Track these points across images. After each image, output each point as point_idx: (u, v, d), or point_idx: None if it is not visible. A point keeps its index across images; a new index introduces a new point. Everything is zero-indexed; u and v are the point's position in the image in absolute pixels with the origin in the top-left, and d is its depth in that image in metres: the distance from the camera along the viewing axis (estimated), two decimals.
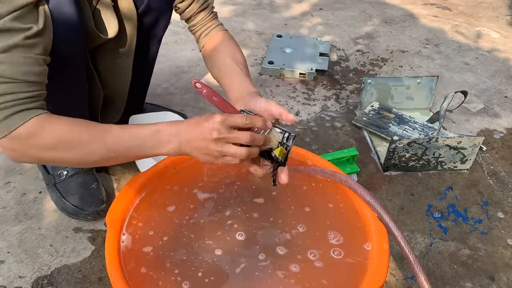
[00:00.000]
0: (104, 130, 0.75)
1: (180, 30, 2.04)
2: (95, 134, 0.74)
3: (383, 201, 1.20)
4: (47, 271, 0.97)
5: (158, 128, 0.75)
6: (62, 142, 0.73)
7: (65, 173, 1.12)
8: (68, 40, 0.86)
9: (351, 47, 2.02)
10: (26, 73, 0.72)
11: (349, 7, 2.44)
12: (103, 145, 0.74)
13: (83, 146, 0.74)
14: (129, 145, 0.75)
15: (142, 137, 0.75)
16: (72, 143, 0.73)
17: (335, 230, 0.83)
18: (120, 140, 0.75)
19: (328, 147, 1.38)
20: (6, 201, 1.13)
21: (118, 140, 0.75)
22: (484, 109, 1.62)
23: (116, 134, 0.75)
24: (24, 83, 0.71)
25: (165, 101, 1.55)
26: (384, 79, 1.53)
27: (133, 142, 0.75)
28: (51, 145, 0.73)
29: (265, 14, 2.30)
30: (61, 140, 0.73)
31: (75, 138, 0.73)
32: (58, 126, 0.73)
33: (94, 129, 0.75)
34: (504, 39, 2.16)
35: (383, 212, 0.80)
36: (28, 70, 0.72)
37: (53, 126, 0.73)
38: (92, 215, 1.07)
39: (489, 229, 1.14)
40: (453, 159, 1.28)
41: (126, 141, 0.75)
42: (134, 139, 0.75)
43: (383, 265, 0.75)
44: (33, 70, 0.73)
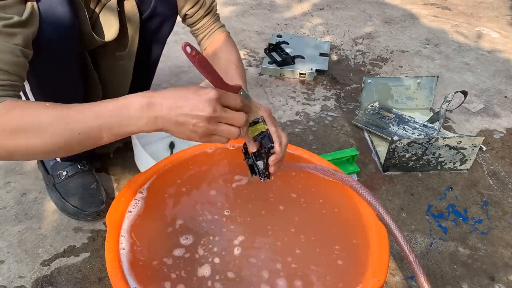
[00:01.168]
0: (67, 109, 0.66)
1: (180, 30, 2.04)
2: (56, 114, 0.66)
3: (383, 201, 1.20)
4: (47, 271, 0.97)
5: (125, 102, 0.65)
6: (23, 125, 0.65)
7: (64, 174, 1.12)
8: (60, 40, 0.86)
9: (351, 47, 2.02)
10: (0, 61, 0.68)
11: (349, 7, 2.44)
12: (65, 125, 0.65)
13: (43, 128, 0.65)
14: (94, 125, 0.65)
15: (106, 114, 0.65)
16: (33, 127, 0.65)
17: (335, 230, 0.83)
18: (83, 119, 0.65)
19: (328, 147, 1.38)
20: (6, 201, 1.13)
21: (79, 120, 0.65)
22: (484, 109, 1.62)
23: (78, 113, 0.66)
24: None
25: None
26: (384, 79, 1.53)
27: (96, 121, 0.65)
28: (13, 130, 0.65)
29: (265, 14, 2.30)
30: (22, 123, 0.65)
31: (35, 120, 0.65)
32: (21, 109, 0.66)
33: (55, 109, 0.66)
34: (504, 39, 2.16)
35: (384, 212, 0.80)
36: (3, 57, 0.69)
37: (17, 109, 0.66)
38: (92, 215, 1.07)
39: (489, 229, 1.14)
40: (453, 159, 1.28)
41: (89, 119, 0.65)
42: (97, 117, 0.65)
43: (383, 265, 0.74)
44: (8, 58, 0.70)
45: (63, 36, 0.86)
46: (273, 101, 1.61)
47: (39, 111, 0.66)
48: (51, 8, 0.82)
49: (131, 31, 1.05)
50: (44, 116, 0.66)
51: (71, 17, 0.86)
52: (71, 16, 0.86)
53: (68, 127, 0.65)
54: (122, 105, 0.65)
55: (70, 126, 0.65)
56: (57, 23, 0.83)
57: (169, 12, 1.10)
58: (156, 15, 1.08)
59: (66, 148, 0.68)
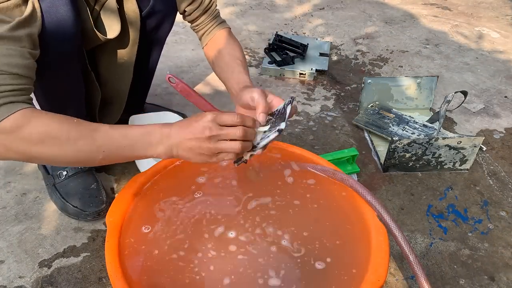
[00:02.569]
0: (94, 128, 0.73)
1: (180, 30, 2.04)
2: (84, 131, 0.72)
3: (383, 201, 1.20)
4: (47, 271, 0.97)
5: (149, 130, 0.74)
6: (50, 136, 0.70)
7: (64, 174, 1.12)
8: (63, 38, 0.86)
9: (351, 47, 2.02)
10: (11, 65, 0.70)
11: (349, 7, 2.44)
12: (92, 143, 0.72)
13: (71, 142, 0.71)
14: (119, 145, 0.73)
15: (132, 137, 0.74)
16: (60, 139, 0.71)
17: (334, 230, 0.83)
18: (110, 139, 0.73)
19: (328, 147, 1.38)
20: (6, 201, 1.13)
21: (107, 139, 0.73)
22: (484, 109, 1.62)
23: (105, 133, 0.73)
24: (8, 75, 0.70)
25: (165, 101, 1.55)
26: (384, 79, 1.53)
27: (123, 142, 0.73)
28: (38, 139, 0.70)
29: (265, 14, 2.30)
30: (49, 134, 0.70)
31: (63, 133, 0.71)
32: (46, 120, 0.71)
33: (83, 126, 0.73)
34: (504, 39, 2.16)
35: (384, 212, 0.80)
36: (12, 62, 0.70)
37: (41, 120, 0.70)
38: (92, 215, 1.07)
39: (489, 229, 1.14)
40: (453, 159, 1.28)
41: (116, 140, 0.73)
42: (124, 139, 0.73)
43: (383, 265, 0.74)
44: (18, 62, 0.71)
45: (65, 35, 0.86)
46: None
47: (68, 125, 0.71)
48: (53, 7, 0.82)
49: (132, 28, 1.05)
50: (73, 130, 0.71)
51: (74, 16, 0.86)
52: (74, 14, 0.86)
53: (95, 144, 0.72)
54: (146, 132, 0.74)
55: (98, 143, 0.72)
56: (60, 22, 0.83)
57: (169, 9, 1.10)
58: (156, 12, 1.09)
59: (85, 161, 0.74)
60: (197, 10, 1.08)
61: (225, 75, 1.02)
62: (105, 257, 0.74)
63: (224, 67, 1.03)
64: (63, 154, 0.72)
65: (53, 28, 0.83)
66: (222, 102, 1.57)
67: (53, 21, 0.82)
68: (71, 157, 0.73)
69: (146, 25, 1.09)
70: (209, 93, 1.63)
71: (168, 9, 1.10)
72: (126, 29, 1.04)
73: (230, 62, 1.01)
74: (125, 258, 0.75)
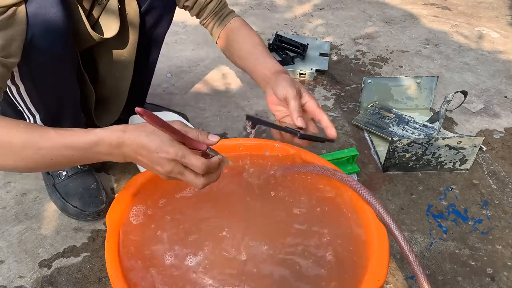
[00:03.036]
0: (41, 135, 0.69)
1: (180, 30, 2.04)
2: (29, 139, 0.69)
3: (383, 201, 1.20)
4: (47, 271, 0.97)
5: (98, 140, 0.69)
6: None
7: (64, 174, 1.12)
8: (53, 40, 0.85)
9: (351, 47, 2.02)
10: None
11: (349, 7, 2.44)
12: (37, 151, 0.68)
13: (15, 151, 0.68)
14: (66, 154, 0.69)
15: (78, 147, 0.69)
16: (4, 148, 0.68)
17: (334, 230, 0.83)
18: (55, 147, 0.69)
19: (328, 147, 1.38)
20: (6, 201, 1.13)
21: (52, 146, 0.69)
22: (484, 109, 1.62)
23: (51, 142, 0.69)
24: None
25: (165, 101, 1.55)
26: (384, 79, 1.53)
27: (69, 151, 0.69)
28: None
29: (265, 14, 2.30)
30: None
31: (6, 142, 0.68)
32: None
33: (30, 134, 0.69)
34: (504, 39, 2.16)
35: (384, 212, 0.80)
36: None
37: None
38: (92, 215, 1.07)
39: (489, 229, 1.14)
40: (453, 159, 1.28)
41: (61, 149, 0.69)
42: (70, 150, 0.69)
43: (383, 265, 0.74)
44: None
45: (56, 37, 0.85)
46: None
47: (11, 133, 0.68)
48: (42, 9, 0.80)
49: (132, 27, 1.05)
50: (16, 138, 0.68)
51: (64, 17, 0.85)
52: (63, 16, 0.85)
53: (40, 153, 0.69)
54: (94, 143, 0.69)
55: (42, 152, 0.69)
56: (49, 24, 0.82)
57: (167, 5, 1.09)
58: (154, 9, 1.08)
59: (38, 169, 0.73)
60: (197, 4, 1.06)
61: (249, 64, 0.97)
62: (105, 257, 0.74)
63: (246, 55, 0.98)
64: (10, 163, 0.70)
65: (42, 30, 0.81)
66: (222, 102, 1.57)
67: (42, 23, 0.81)
68: (18, 166, 0.70)
69: (145, 22, 1.09)
70: (209, 93, 1.63)
71: (167, 5, 1.09)
72: (126, 28, 1.04)
73: (252, 50, 0.97)
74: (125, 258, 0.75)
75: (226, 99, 1.58)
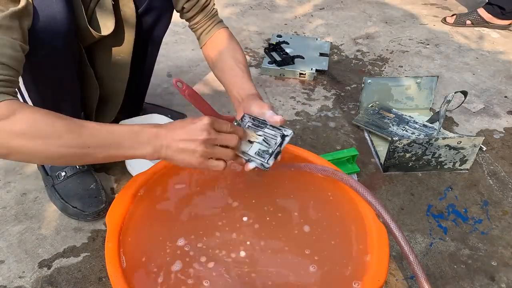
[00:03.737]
0: (80, 124, 0.70)
1: (180, 30, 2.04)
2: (70, 125, 0.69)
3: (383, 201, 1.20)
4: (47, 271, 0.97)
5: (137, 129, 0.73)
6: (35, 128, 0.67)
7: (63, 174, 1.12)
8: (55, 34, 0.85)
9: (351, 47, 2.02)
10: (0, 55, 0.68)
11: (349, 7, 2.44)
12: (78, 138, 0.69)
13: (56, 135, 0.68)
14: (105, 142, 0.71)
15: (119, 135, 0.72)
16: (45, 131, 0.68)
17: (334, 229, 0.83)
18: (96, 136, 0.70)
19: (328, 147, 1.38)
20: (6, 201, 1.13)
21: (93, 135, 0.70)
22: (484, 109, 1.62)
23: (92, 129, 0.71)
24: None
25: (165, 101, 1.55)
26: (384, 79, 1.53)
27: (109, 139, 0.71)
28: (21, 131, 0.66)
29: (265, 14, 2.30)
30: (34, 126, 0.67)
31: (49, 126, 0.68)
32: (32, 113, 0.68)
33: (70, 121, 0.70)
34: (504, 39, 2.16)
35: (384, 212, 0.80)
36: (3, 52, 0.69)
37: (26, 111, 0.67)
38: (92, 215, 1.07)
39: (489, 229, 1.13)
40: (453, 159, 1.28)
41: (102, 137, 0.71)
42: (110, 136, 0.71)
43: (383, 265, 0.74)
44: (8, 53, 0.70)
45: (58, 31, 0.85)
46: (273, 101, 1.61)
47: (53, 118, 0.69)
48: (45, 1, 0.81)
49: (128, 26, 1.05)
50: (59, 124, 0.69)
51: (67, 12, 0.85)
52: (67, 10, 0.85)
53: (81, 139, 0.69)
54: (135, 131, 0.73)
55: (84, 139, 0.70)
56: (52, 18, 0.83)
57: (165, 6, 1.10)
58: (153, 9, 1.08)
59: (67, 158, 0.71)
60: (195, 7, 1.07)
61: (228, 79, 1.01)
62: (105, 257, 0.74)
63: (226, 70, 1.02)
64: (45, 149, 0.68)
65: (45, 23, 0.82)
66: (222, 102, 1.57)
67: (45, 16, 0.81)
68: (53, 152, 0.69)
69: (143, 23, 1.09)
70: (208, 93, 1.63)
71: (165, 6, 1.10)
72: (122, 27, 1.04)
73: (233, 66, 1.00)
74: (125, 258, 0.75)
75: (226, 99, 1.58)
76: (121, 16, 1.03)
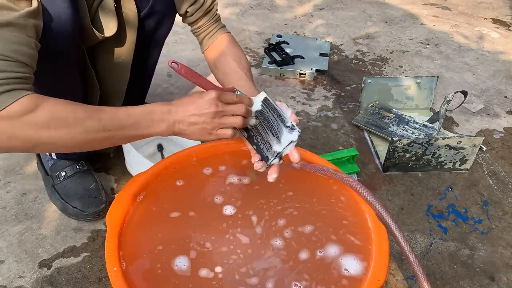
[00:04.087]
0: (98, 109, 0.75)
1: (180, 30, 2.04)
2: (90, 111, 0.73)
3: (383, 201, 1.20)
4: (47, 271, 0.97)
5: (150, 108, 0.78)
6: (58, 118, 0.71)
7: (63, 174, 1.12)
8: (60, 34, 0.85)
9: (351, 47, 2.02)
10: (18, 52, 0.70)
11: (349, 7, 2.44)
12: (98, 122, 0.73)
13: (79, 122, 0.72)
14: (124, 124, 0.75)
15: (135, 116, 0.76)
16: (67, 120, 0.71)
17: (334, 230, 0.83)
18: (115, 118, 0.75)
19: (328, 147, 1.38)
20: (6, 201, 1.13)
21: (112, 118, 0.74)
22: (484, 109, 1.62)
23: (110, 113, 0.75)
24: (15, 62, 0.69)
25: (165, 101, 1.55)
26: (384, 79, 1.53)
27: (127, 121, 0.75)
28: (46, 122, 0.70)
29: (265, 14, 2.30)
30: (57, 116, 0.71)
31: (70, 114, 0.72)
32: (53, 104, 0.71)
33: (88, 107, 0.74)
34: (504, 39, 2.16)
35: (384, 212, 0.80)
36: (20, 49, 0.70)
37: (48, 103, 0.71)
38: (92, 215, 1.07)
39: (489, 229, 1.14)
40: (453, 159, 1.28)
41: (120, 119, 0.75)
42: (127, 118, 0.75)
43: (383, 265, 0.75)
44: (24, 50, 0.71)
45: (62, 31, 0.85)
46: None
47: (74, 107, 0.73)
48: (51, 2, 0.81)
49: (130, 28, 1.05)
50: (79, 111, 0.72)
51: (72, 12, 0.86)
52: (72, 11, 0.86)
53: (101, 123, 0.73)
54: (149, 111, 0.77)
55: (104, 123, 0.73)
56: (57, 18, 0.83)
57: (168, 10, 1.10)
58: (155, 13, 1.08)
59: (91, 143, 0.75)
60: (199, 11, 1.07)
61: (231, 82, 1.00)
62: (105, 257, 0.74)
63: (230, 73, 1.02)
64: (71, 137, 0.72)
65: (50, 23, 0.82)
66: None
67: (51, 17, 0.82)
68: (78, 139, 0.73)
69: (145, 26, 1.09)
70: None
71: (168, 10, 1.10)
72: (124, 28, 1.04)
73: (237, 70, 1.01)
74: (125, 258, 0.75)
75: None
76: (123, 18, 1.03)
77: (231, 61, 1.04)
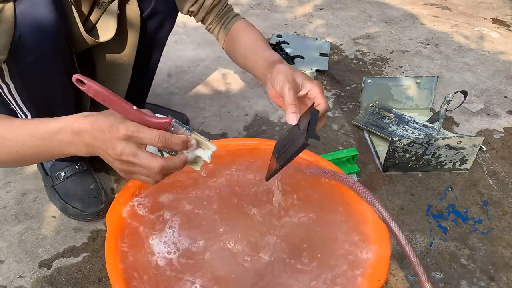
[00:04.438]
0: (6, 125, 0.66)
1: (180, 30, 2.04)
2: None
3: (383, 201, 1.19)
4: (47, 271, 0.97)
5: (60, 126, 0.63)
6: None
7: (63, 175, 1.12)
8: (43, 40, 0.84)
9: (351, 47, 2.02)
10: None
11: (349, 7, 2.44)
12: (2, 142, 0.66)
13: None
14: (30, 145, 0.65)
15: (42, 136, 0.64)
16: None
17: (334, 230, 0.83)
18: (19, 138, 0.65)
19: (328, 147, 1.38)
20: (6, 201, 1.13)
21: (16, 137, 0.65)
22: (484, 109, 1.62)
23: (15, 131, 0.65)
24: None
25: (165, 101, 1.55)
26: (384, 79, 1.53)
27: (33, 142, 0.64)
28: None
29: (265, 14, 2.30)
30: None
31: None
32: None
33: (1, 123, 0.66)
34: (504, 39, 2.16)
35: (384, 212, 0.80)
36: None
37: None
38: (92, 216, 1.07)
39: (489, 229, 1.14)
40: (453, 159, 1.28)
41: (24, 139, 0.64)
42: (31, 138, 0.64)
43: (383, 265, 0.74)
44: None
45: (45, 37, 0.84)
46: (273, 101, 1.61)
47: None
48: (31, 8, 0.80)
49: (132, 30, 1.04)
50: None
51: (55, 18, 0.84)
52: (54, 16, 0.84)
53: (4, 144, 0.66)
54: (56, 130, 0.64)
55: (7, 143, 0.66)
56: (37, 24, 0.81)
57: (170, 10, 1.09)
58: (157, 14, 1.08)
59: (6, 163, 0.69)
60: (203, 9, 1.05)
61: (250, 60, 0.94)
62: (105, 257, 0.74)
63: (247, 52, 0.96)
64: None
65: (31, 29, 0.81)
66: (222, 102, 1.57)
67: (31, 22, 0.81)
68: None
69: (147, 27, 1.09)
70: (208, 93, 1.63)
71: (170, 10, 1.09)
72: (125, 31, 1.04)
73: (253, 46, 0.96)
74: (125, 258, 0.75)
75: (226, 99, 1.58)
76: (126, 20, 1.02)
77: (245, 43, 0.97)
